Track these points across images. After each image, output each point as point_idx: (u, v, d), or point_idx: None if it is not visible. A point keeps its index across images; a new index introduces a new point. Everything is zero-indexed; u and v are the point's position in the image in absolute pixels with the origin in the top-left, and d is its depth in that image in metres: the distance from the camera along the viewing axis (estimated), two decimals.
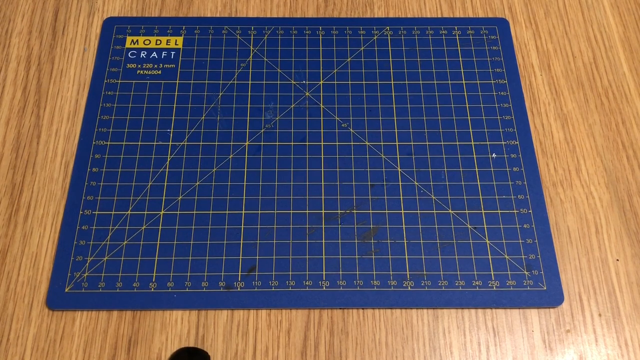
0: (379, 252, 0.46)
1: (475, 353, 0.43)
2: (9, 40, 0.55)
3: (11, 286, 0.45)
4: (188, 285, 0.45)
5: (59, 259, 0.45)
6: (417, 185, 0.49)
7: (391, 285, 0.45)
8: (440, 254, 0.46)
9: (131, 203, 0.48)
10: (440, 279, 0.45)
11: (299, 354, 0.43)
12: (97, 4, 0.57)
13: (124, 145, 0.50)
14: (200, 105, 0.52)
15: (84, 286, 0.44)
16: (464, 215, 0.48)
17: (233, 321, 0.44)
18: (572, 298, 0.45)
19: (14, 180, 0.49)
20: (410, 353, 0.43)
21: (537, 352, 0.43)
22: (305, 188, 0.48)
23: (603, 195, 0.49)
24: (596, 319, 0.45)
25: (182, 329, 0.44)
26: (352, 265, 0.46)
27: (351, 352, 0.43)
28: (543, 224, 0.47)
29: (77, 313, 0.44)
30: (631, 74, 0.55)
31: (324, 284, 0.45)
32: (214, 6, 0.58)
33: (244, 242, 0.46)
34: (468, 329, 0.44)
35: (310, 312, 0.44)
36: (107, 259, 0.46)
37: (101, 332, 0.43)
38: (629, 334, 0.44)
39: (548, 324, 0.44)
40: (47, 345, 0.43)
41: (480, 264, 0.46)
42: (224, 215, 0.47)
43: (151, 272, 0.45)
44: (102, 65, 0.54)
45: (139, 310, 0.44)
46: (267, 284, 0.45)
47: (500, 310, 0.45)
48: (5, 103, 0.52)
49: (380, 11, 0.58)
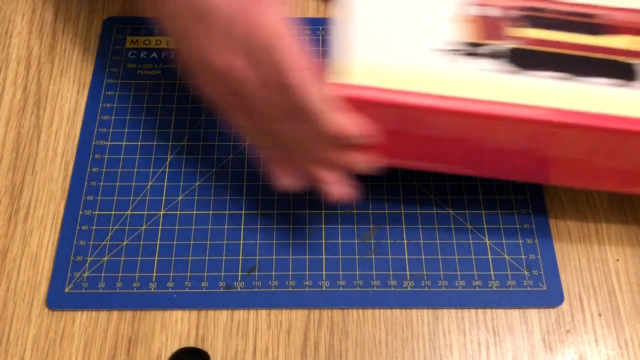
0: (379, 252, 0.46)
1: (475, 353, 0.43)
2: (9, 40, 0.55)
3: (11, 286, 0.45)
4: (188, 285, 0.45)
5: (59, 259, 0.45)
6: (417, 185, 0.49)
7: (391, 285, 0.45)
8: (440, 254, 0.46)
9: (131, 203, 0.48)
10: (440, 279, 0.45)
11: (299, 354, 0.43)
12: (96, 4, 0.57)
13: (124, 145, 0.50)
14: (200, 105, 0.52)
15: (84, 286, 0.44)
16: (464, 215, 0.48)
17: (233, 321, 0.44)
18: (572, 298, 0.45)
19: (14, 180, 0.49)
20: (410, 353, 0.43)
21: (537, 352, 0.43)
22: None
23: (603, 195, 0.49)
24: (596, 319, 0.45)
25: (182, 329, 0.44)
26: (352, 265, 0.46)
27: (351, 352, 0.43)
28: (543, 224, 0.47)
29: (77, 313, 0.44)
30: None
31: (324, 284, 0.45)
32: None
33: (244, 242, 0.46)
34: (468, 329, 0.44)
35: (310, 312, 0.44)
36: (107, 259, 0.46)
37: (101, 332, 0.43)
38: (629, 333, 0.44)
39: (548, 324, 0.44)
40: (47, 345, 0.43)
41: (480, 264, 0.46)
42: (224, 215, 0.47)
43: (151, 272, 0.45)
44: (102, 65, 0.54)
45: (139, 310, 0.44)
46: (267, 284, 0.45)
47: (500, 310, 0.45)
48: (5, 103, 0.52)
49: None
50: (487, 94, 0.37)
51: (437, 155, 0.42)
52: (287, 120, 0.37)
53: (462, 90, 0.37)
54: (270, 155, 0.42)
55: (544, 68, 0.38)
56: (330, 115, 0.36)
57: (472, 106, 0.36)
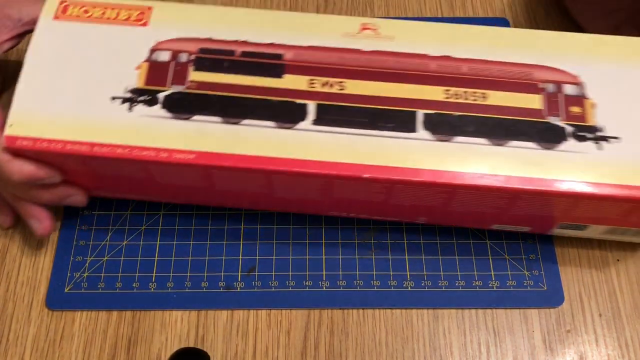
0: (379, 252, 0.46)
1: (475, 353, 0.43)
2: None
3: (11, 286, 0.45)
4: (188, 285, 0.45)
5: (58, 259, 0.45)
6: None
7: (391, 286, 0.45)
8: (440, 254, 0.46)
9: (131, 203, 0.47)
10: (441, 279, 0.45)
11: (299, 354, 0.43)
12: None
13: None
14: None
15: (83, 286, 0.44)
16: None
17: (233, 321, 0.44)
18: (573, 298, 0.45)
19: None
20: (411, 353, 0.43)
21: (537, 353, 0.43)
22: None
23: None
24: (596, 319, 0.44)
25: (182, 329, 0.44)
26: (352, 266, 0.46)
27: (351, 352, 0.43)
28: None
29: (76, 313, 0.44)
30: None
31: (324, 284, 0.45)
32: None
33: (244, 242, 0.46)
34: (468, 329, 0.44)
35: (310, 312, 0.44)
36: (107, 259, 0.45)
37: (101, 332, 0.43)
38: (630, 334, 0.44)
39: (548, 324, 0.44)
40: (47, 346, 0.43)
41: (480, 264, 0.46)
42: (224, 215, 0.47)
43: (151, 272, 0.45)
44: None
45: (138, 310, 0.44)
46: (267, 284, 0.45)
47: (501, 311, 0.45)
48: None
49: (380, 11, 0.57)
50: (147, 140, 0.39)
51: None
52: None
53: (127, 137, 0.39)
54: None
55: (206, 112, 0.40)
56: (10, 164, 0.39)
57: (119, 151, 0.39)
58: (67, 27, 0.42)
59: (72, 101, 0.40)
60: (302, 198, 0.43)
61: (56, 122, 0.39)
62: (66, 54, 0.41)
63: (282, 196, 0.42)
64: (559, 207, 0.40)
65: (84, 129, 0.39)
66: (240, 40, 0.42)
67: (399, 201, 0.41)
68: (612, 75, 0.42)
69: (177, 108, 0.40)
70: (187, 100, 0.40)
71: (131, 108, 0.40)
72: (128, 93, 0.40)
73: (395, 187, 0.39)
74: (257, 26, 0.43)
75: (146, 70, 0.41)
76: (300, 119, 0.40)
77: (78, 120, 0.39)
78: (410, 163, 0.38)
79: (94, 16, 0.43)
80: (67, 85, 0.40)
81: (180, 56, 0.41)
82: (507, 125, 0.40)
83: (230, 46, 0.42)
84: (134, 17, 0.43)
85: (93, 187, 0.44)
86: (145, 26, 0.42)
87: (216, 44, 0.42)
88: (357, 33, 0.43)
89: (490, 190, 0.39)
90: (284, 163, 0.38)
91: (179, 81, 0.41)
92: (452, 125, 0.40)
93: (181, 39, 0.42)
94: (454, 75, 0.41)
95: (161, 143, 0.39)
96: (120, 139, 0.39)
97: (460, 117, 0.40)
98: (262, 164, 0.38)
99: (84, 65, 0.41)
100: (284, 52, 0.42)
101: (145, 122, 0.39)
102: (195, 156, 0.38)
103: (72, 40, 0.42)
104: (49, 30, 0.42)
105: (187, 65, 0.41)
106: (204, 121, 0.39)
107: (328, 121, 0.40)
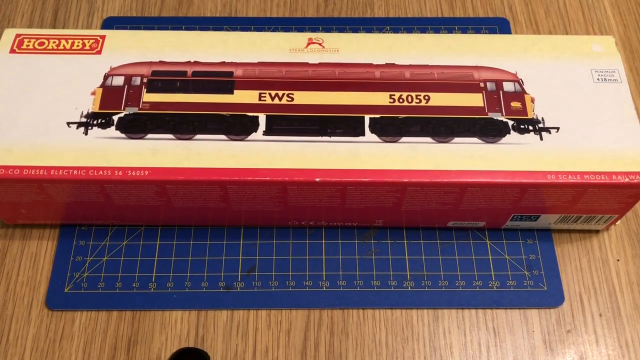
0: (379, 252, 0.46)
1: (475, 353, 0.43)
2: None
3: (11, 286, 0.45)
4: (188, 285, 0.45)
5: (58, 259, 0.45)
6: None
7: (391, 286, 0.45)
8: (440, 254, 0.46)
9: None
10: (441, 279, 0.45)
11: (299, 354, 0.43)
12: (96, 3, 0.57)
13: None
14: None
15: (83, 286, 0.44)
16: None
17: (233, 321, 0.44)
18: (573, 298, 0.45)
19: None
20: (411, 353, 0.43)
21: (537, 353, 0.43)
22: None
23: None
24: (597, 319, 0.44)
25: (182, 329, 0.44)
26: (352, 266, 0.46)
27: (351, 352, 0.43)
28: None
29: (76, 313, 0.44)
30: (631, 74, 0.55)
31: (324, 284, 0.45)
32: (213, 6, 0.58)
33: (244, 242, 0.46)
34: (468, 329, 0.44)
35: (310, 312, 0.44)
36: (107, 259, 0.45)
37: (101, 332, 0.43)
38: (630, 334, 0.44)
39: (548, 324, 0.44)
40: (47, 346, 0.43)
41: (480, 264, 0.46)
42: None
43: (151, 272, 0.45)
44: None
45: (138, 310, 0.44)
46: (267, 284, 0.45)
47: (501, 311, 0.45)
48: None
49: (380, 11, 0.57)
50: (102, 160, 0.40)
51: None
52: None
53: (82, 159, 0.40)
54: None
55: (160, 131, 0.41)
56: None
57: (75, 173, 0.40)
58: (23, 60, 0.44)
59: (29, 129, 0.41)
60: (261, 209, 0.43)
61: (13, 150, 0.40)
62: (22, 85, 0.43)
63: (240, 208, 0.43)
64: (508, 199, 0.42)
65: (41, 155, 0.40)
66: (191, 60, 0.44)
67: (354, 204, 0.43)
68: (547, 70, 0.44)
69: (130, 128, 0.41)
70: (140, 121, 0.41)
71: (86, 132, 0.41)
72: (83, 118, 0.42)
73: (347, 189, 0.41)
74: (207, 47, 0.45)
75: (100, 95, 0.42)
76: (252, 131, 0.41)
77: (34, 147, 0.40)
78: (360, 164, 0.40)
79: (49, 47, 0.44)
80: (24, 115, 0.42)
81: (133, 80, 0.43)
82: (450, 124, 0.42)
83: (182, 67, 0.44)
84: (87, 46, 0.45)
85: (57, 217, 0.45)
86: (99, 54, 0.44)
87: (168, 66, 0.44)
88: (304, 47, 0.45)
89: (438, 186, 0.40)
90: (237, 173, 0.40)
91: (133, 103, 0.42)
92: (398, 127, 0.42)
93: (134, 64, 0.44)
94: (398, 81, 0.44)
95: (116, 162, 0.40)
96: (76, 161, 0.40)
97: (406, 119, 0.42)
98: (215, 175, 0.40)
99: (40, 95, 0.42)
100: (234, 70, 0.44)
101: (101, 144, 0.41)
102: (149, 172, 0.39)
103: (29, 72, 0.43)
104: (5, 63, 0.44)
105: (141, 87, 0.43)
106: (157, 139, 0.41)
107: (279, 131, 0.41)
